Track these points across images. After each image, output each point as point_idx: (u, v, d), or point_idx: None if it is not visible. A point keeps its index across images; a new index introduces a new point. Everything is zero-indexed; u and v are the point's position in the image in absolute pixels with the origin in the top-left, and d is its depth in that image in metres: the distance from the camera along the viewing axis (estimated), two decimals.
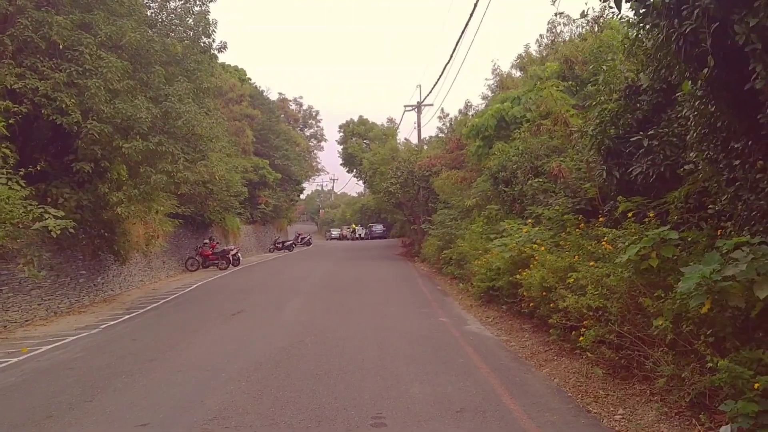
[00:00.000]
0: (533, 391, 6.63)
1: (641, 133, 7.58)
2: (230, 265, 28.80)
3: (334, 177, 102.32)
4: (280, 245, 45.70)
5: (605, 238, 7.54)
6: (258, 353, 8.88)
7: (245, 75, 46.08)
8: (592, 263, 7.59)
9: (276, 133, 47.86)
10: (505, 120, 17.33)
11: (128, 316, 14.02)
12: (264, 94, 49.45)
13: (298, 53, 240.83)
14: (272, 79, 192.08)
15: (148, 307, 15.55)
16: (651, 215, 6.33)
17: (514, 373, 7.50)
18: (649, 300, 5.65)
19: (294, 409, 6.07)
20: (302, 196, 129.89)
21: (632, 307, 6.18)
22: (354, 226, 75.04)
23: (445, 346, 9.15)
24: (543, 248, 9.37)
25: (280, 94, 65.12)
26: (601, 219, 8.78)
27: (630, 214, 7.04)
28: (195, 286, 20.76)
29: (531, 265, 9.84)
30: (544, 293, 8.63)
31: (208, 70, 17.08)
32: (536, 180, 11.53)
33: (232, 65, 45.52)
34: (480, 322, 11.44)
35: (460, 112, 32.97)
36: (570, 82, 16.02)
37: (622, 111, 8.16)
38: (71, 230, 13.32)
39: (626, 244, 5.84)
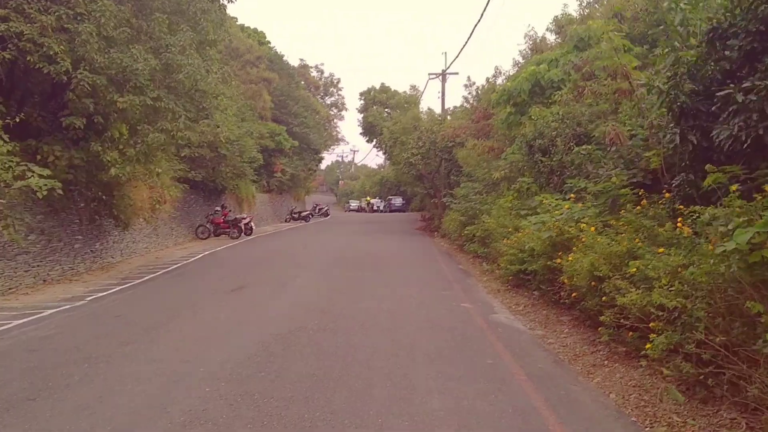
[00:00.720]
0: (586, 413, 5.19)
1: (731, 85, 5.95)
2: (242, 235, 27.66)
3: (354, 148, 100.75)
4: (296, 215, 44.52)
5: (679, 220, 6.00)
6: (249, 341, 7.56)
7: (264, 38, 44.43)
8: (661, 249, 6.07)
9: (295, 99, 46.33)
10: (540, 84, 15.61)
11: (120, 287, 12.85)
12: (284, 59, 47.81)
13: (320, 18, 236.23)
14: (293, 45, 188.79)
15: (145, 278, 14.38)
16: (767, 189, 4.72)
17: (558, 382, 6.05)
18: (759, 305, 4.15)
19: (277, 426, 4.73)
20: (322, 167, 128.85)
21: (728, 310, 4.69)
22: (368, 198, 73.98)
23: (470, 341, 7.74)
24: (593, 229, 7.83)
25: (300, 60, 63.31)
26: (666, 195, 7.20)
27: (718, 188, 5.44)
28: (201, 255, 19.60)
29: (574, 248, 8.34)
30: (594, 283, 7.14)
31: (216, 20, 15.53)
32: (583, 148, 9.90)
33: (251, 27, 43.91)
34: (509, 311, 9.99)
35: (487, 80, 31.06)
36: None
37: (703, 60, 6.53)
38: (59, 191, 12.11)
39: (728, 227, 4.30)
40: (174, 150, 16.37)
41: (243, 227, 27.47)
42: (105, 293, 12.11)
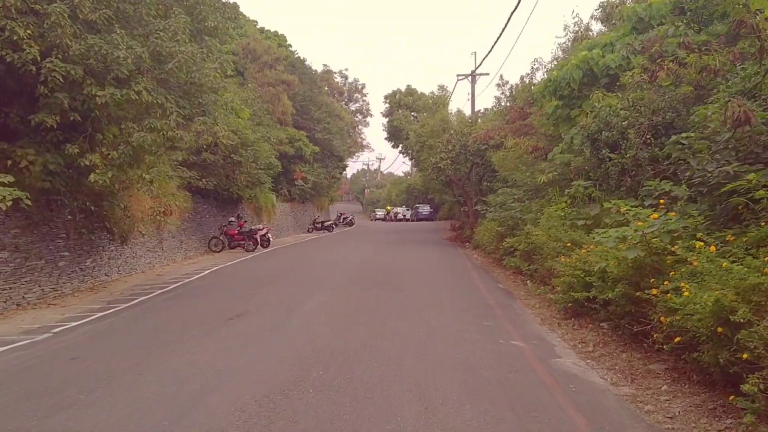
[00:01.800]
0: None
1: None
2: (258, 247, 25.75)
3: (380, 156, 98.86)
4: (319, 225, 42.60)
5: None
6: (219, 413, 5.40)
7: (285, 41, 42.81)
8: None
9: (317, 104, 44.56)
10: (592, 72, 13.25)
11: (100, 314, 10.88)
12: (306, 63, 46.13)
13: (345, 25, 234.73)
14: (317, 52, 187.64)
15: (136, 301, 12.42)
16: None
17: None
18: None
19: None
20: (347, 174, 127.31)
21: None
22: (389, 207, 72.90)
23: (532, 407, 5.46)
24: (712, 248, 5.50)
25: (324, 65, 61.84)
26: None
27: None
28: (208, 271, 17.65)
29: (672, 273, 6.03)
30: (721, 330, 4.82)
31: (216, 5, 13.58)
32: (682, 136, 7.49)
33: (272, 30, 42.35)
34: (575, 352, 7.65)
35: (521, 79, 28.69)
36: (688, 18, 11.83)
37: None
38: (28, 202, 10.26)
39: None
40: (168, 153, 14.36)
41: (259, 239, 25.55)
42: (78, 322, 10.14)
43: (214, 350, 7.83)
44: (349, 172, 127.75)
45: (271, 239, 26.93)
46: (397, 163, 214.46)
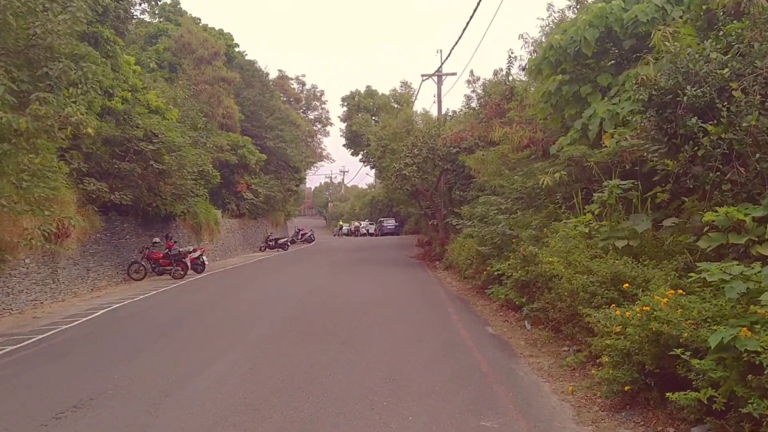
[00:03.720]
0: None
1: None
2: (188, 272, 21.51)
3: (344, 169, 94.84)
4: (272, 243, 38.30)
5: None
6: None
7: (231, 40, 38.61)
8: None
9: (269, 110, 40.51)
10: (611, 33, 9.64)
11: None
12: (256, 65, 42.04)
13: (300, 30, 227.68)
14: (272, 57, 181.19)
15: None
16: None
17: None
18: None
19: None
20: (310, 188, 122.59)
21: None
22: (341, 222, 72.03)
23: None
24: None
25: (280, 71, 57.71)
26: None
27: None
28: (104, 311, 13.41)
29: None
30: None
31: None
32: None
33: (217, 28, 38.14)
34: None
35: (495, 74, 25.23)
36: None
37: None
38: None
39: None
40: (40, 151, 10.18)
41: (189, 263, 21.28)
42: None
43: None
44: (312, 185, 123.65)
45: (206, 263, 22.66)
46: (362, 176, 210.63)
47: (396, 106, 30.67)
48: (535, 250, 8.75)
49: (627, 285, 5.66)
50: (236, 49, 39.09)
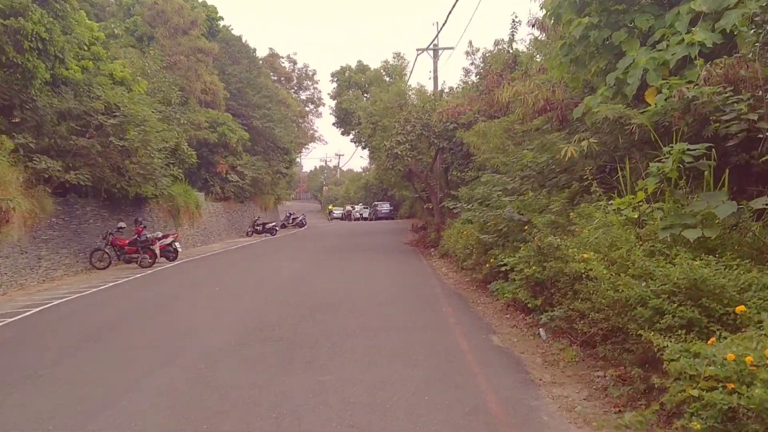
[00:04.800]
0: None
1: None
2: (161, 259, 19.55)
3: (340, 153, 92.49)
4: (260, 228, 36.25)
5: None
6: None
7: (216, 13, 36.22)
8: None
9: (256, 88, 38.18)
10: None
11: None
12: (243, 41, 39.65)
13: (292, 7, 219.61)
14: (263, 36, 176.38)
15: None
16: None
17: None
18: None
19: None
20: (306, 171, 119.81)
21: None
22: (330, 207, 71.28)
23: None
24: None
25: (270, 49, 55.22)
26: None
27: None
28: (32, 312, 11.35)
29: None
30: None
31: None
32: None
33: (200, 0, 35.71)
34: None
35: (496, 44, 23.04)
36: None
37: None
38: None
39: None
40: None
41: (158, 251, 19.23)
42: None
43: None
44: (308, 169, 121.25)
45: (179, 250, 20.62)
46: (357, 159, 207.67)
47: (388, 79, 28.31)
48: (557, 240, 6.74)
49: (743, 308, 3.62)
50: (221, 23, 36.71)
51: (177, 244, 20.57)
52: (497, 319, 9.35)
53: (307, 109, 56.80)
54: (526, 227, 8.91)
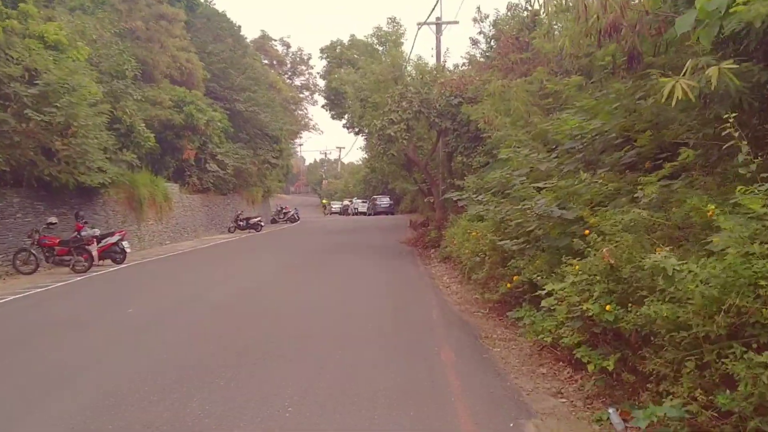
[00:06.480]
0: None
1: None
2: (106, 261, 16.18)
3: (340, 145, 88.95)
4: (243, 223, 32.70)
5: None
6: None
7: None
8: None
9: (241, 68, 34.63)
10: None
11: None
12: (227, 17, 36.10)
13: None
14: (256, 18, 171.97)
15: None
16: None
17: None
18: None
19: None
20: (306, 165, 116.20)
21: None
22: (325, 201, 70.01)
23: None
24: None
25: (262, 31, 51.58)
26: None
27: None
28: None
29: None
30: None
31: None
32: None
33: None
34: None
35: (509, 8, 19.42)
36: None
37: None
38: None
39: None
40: None
41: (96, 253, 15.72)
42: None
43: None
44: (309, 161, 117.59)
45: (127, 250, 17.11)
46: (358, 151, 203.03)
47: (381, 49, 24.65)
48: (675, 262, 3.19)
49: None
50: None
51: (125, 243, 17.07)
52: (528, 377, 5.80)
53: (301, 95, 53.17)
54: (579, 230, 5.35)
